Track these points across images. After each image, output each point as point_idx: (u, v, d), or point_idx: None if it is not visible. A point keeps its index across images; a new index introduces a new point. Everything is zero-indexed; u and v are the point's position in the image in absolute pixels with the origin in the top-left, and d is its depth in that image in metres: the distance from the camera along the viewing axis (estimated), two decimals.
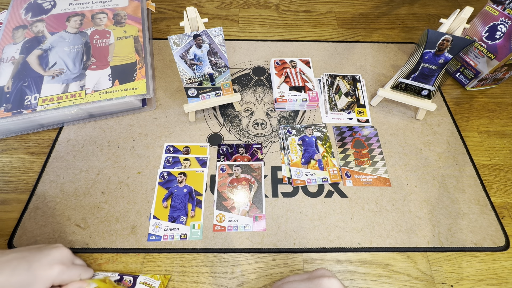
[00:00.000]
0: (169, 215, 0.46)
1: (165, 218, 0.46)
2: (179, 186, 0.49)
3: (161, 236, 0.45)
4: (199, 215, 0.46)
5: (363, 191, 0.49)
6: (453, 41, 0.47)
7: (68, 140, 0.54)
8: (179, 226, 0.45)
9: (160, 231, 0.45)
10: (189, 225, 0.45)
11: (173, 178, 0.49)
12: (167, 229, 0.45)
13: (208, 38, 0.44)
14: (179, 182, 0.49)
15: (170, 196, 0.48)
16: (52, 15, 0.63)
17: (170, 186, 0.49)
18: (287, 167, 0.51)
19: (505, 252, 0.45)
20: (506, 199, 0.50)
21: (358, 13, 0.78)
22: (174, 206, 0.47)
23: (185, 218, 0.46)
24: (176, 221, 0.46)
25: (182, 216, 0.46)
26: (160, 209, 0.47)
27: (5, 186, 0.49)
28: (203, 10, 0.77)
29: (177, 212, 0.46)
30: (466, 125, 0.58)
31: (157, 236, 0.44)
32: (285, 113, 0.59)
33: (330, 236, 0.45)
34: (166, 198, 0.48)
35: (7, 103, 0.51)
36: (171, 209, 0.47)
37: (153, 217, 0.46)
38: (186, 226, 0.45)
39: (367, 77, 0.64)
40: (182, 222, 0.45)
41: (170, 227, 0.45)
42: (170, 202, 0.47)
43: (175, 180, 0.49)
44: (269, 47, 0.69)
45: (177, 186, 0.49)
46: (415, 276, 0.43)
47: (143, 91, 0.55)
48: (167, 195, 0.48)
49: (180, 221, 0.46)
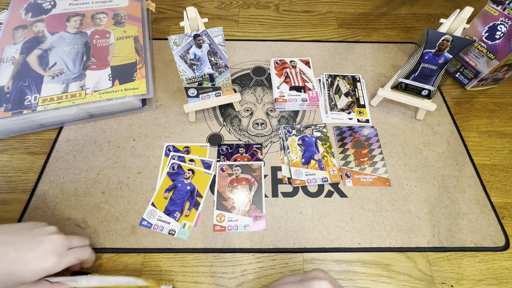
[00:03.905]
0: (166, 207, 0.47)
1: (161, 208, 0.46)
2: (184, 182, 0.49)
3: (152, 224, 0.45)
4: (193, 216, 0.46)
5: (363, 191, 0.49)
6: (453, 41, 0.47)
7: (68, 140, 0.54)
8: (171, 220, 0.45)
9: (153, 219, 0.45)
10: (181, 223, 0.45)
11: (181, 172, 0.50)
12: (160, 219, 0.45)
13: (208, 38, 0.44)
14: (186, 178, 0.49)
15: (173, 188, 0.48)
16: (52, 15, 0.63)
17: (176, 179, 0.49)
18: (287, 167, 0.51)
19: (505, 252, 0.45)
20: (506, 199, 0.50)
21: (358, 13, 0.78)
22: (174, 199, 0.47)
23: (180, 215, 0.46)
24: (170, 214, 0.46)
25: (177, 212, 0.46)
26: (160, 198, 0.47)
27: (5, 186, 0.49)
28: (203, 10, 0.77)
29: (174, 207, 0.47)
30: (466, 125, 0.58)
31: (149, 223, 0.45)
32: (285, 113, 0.59)
33: (330, 236, 0.45)
34: (169, 190, 0.48)
35: (7, 103, 0.51)
36: (169, 201, 0.47)
37: (151, 203, 0.46)
38: (178, 223, 0.45)
39: (367, 77, 0.64)
40: (175, 217, 0.46)
41: (163, 219, 0.46)
42: (171, 195, 0.47)
43: (183, 174, 0.50)
44: (269, 47, 0.69)
45: (182, 181, 0.49)
46: (415, 276, 0.43)
47: (143, 91, 0.55)
48: (171, 186, 0.48)
49: (174, 216, 0.46)
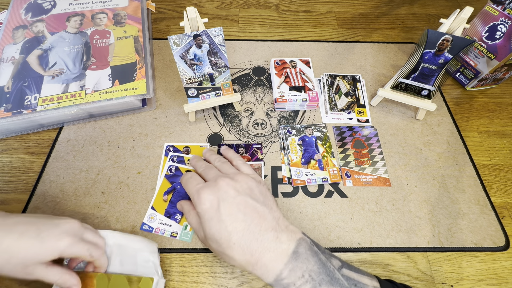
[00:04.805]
0: (166, 210, 0.46)
1: (162, 211, 0.46)
2: None
3: (153, 228, 0.45)
4: None
5: (363, 191, 0.49)
6: (453, 41, 0.47)
7: (68, 140, 0.54)
8: (173, 223, 0.45)
9: (154, 223, 0.45)
10: (182, 225, 0.45)
11: (179, 173, 0.50)
12: (161, 222, 0.45)
13: (208, 38, 0.44)
14: None
15: (172, 191, 0.48)
16: (52, 15, 0.63)
17: (174, 181, 0.49)
18: (287, 167, 0.51)
19: (505, 252, 0.45)
20: (506, 199, 0.50)
21: (358, 13, 0.78)
22: (174, 202, 0.47)
23: (181, 216, 0.46)
24: (171, 217, 0.46)
25: (178, 214, 0.46)
26: (159, 201, 0.47)
27: (5, 186, 0.49)
28: (203, 10, 0.77)
29: (175, 209, 0.46)
30: (466, 125, 0.58)
31: (150, 227, 0.45)
32: (285, 113, 0.59)
33: (330, 236, 0.45)
34: (168, 192, 0.48)
35: (7, 103, 0.51)
36: (169, 204, 0.47)
37: (151, 207, 0.46)
38: (179, 225, 0.45)
39: (367, 77, 0.64)
40: (176, 219, 0.46)
41: (164, 222, 0.45)
42: (171, 197, 0.47)
43: (181, 176, 0.49)
44: (269, 47, 0.69)
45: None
46: (415, 276, 0.43)
47: (143, 91, 0.55)
48: (170, 189, 0.48)
49: (175, 218, 0.46)
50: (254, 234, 0.32)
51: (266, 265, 0.31)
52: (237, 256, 0.32)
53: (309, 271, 0.31)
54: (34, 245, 0.31)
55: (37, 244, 0.32)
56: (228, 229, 0.32)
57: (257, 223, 0.33)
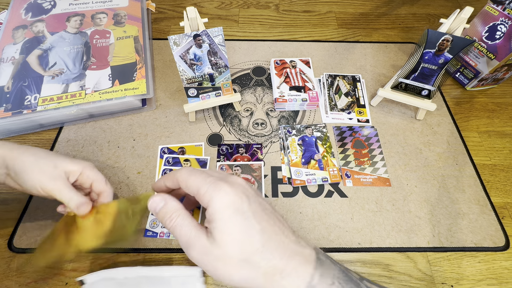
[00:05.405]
0: None
1: None
2: None
3: (157, 233, 0.45)
4: (196, 217, 0.46)
5: (363, 191, 0.49)
6: (453, 41, 0.47)
7: (68, 140, 0.54)
8: None
9: (157, 228, 0.45)
10: None
11: None
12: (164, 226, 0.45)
13: (208, 38, 0.44)
14: None
15: None
16: (52, 15, 0.63)
17: None
18: (287, 167, 0.51)
19: (505, 252, 0.45)
20: (506, 199, 0.50)
21: (358, 13, 0.78)
22: None
23: None
24: None
25: None
26: None
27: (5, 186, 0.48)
28: (203, 10, 0.77)
29: None
30: (466, 125, 0.58)
31: (154, 233, 0.45)
32: (285, 113, 0.59)
33: (330, 236, 0.45)
34: None
35: (7, 103, 0.51)
36: None
37: (151, 213, 0.46)
38: None
39: (367, 77, 0.64)
40: None
41: None
42: None
43: None
44: (269, 47, 0.69)
45: None
46: (415, 276, 0.43)
47: (143, 91, 0.55)
48: None
49: None
50: (279, 235, 0.28)
51: (296, 270, 0.27)
52: (263, 263, 0.26)
53: (337, 278, 0.27)
54: (51, 163, 0.35)
55: (53, 162, 0.35)
56: (256, 228, 0.27)
57: (279, 226, 0.29)
